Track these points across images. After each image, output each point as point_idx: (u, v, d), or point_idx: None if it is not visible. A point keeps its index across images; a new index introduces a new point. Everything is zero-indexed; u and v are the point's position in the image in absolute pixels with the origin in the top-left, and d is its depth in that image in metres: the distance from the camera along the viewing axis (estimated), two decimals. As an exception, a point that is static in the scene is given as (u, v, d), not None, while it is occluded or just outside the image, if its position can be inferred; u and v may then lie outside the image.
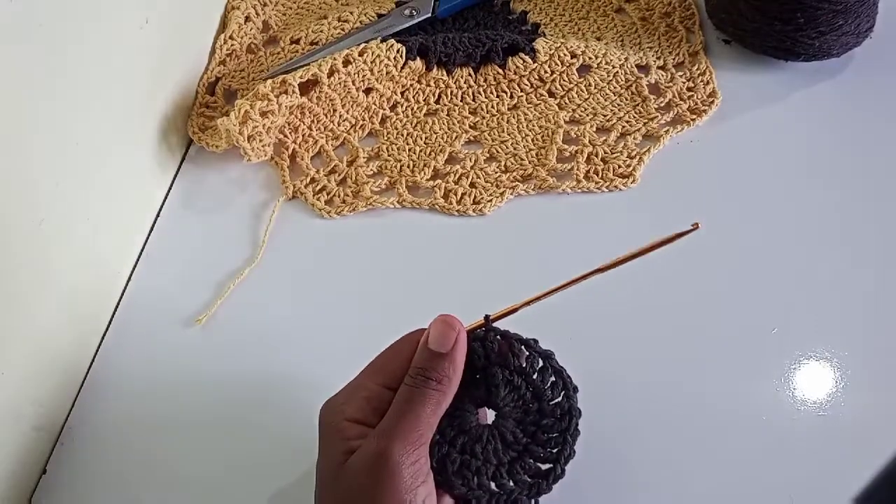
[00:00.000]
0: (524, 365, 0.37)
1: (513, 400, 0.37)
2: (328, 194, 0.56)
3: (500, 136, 0.58)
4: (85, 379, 0.49)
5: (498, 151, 0.57)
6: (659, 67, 0.61)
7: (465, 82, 0.61)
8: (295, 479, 0.45)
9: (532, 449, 0.37)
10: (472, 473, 0.36)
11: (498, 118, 0.59)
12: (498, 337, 0.37)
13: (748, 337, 0.47)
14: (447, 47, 0.61)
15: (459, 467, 0.36)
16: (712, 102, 0.58)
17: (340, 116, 0.59)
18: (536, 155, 0.57)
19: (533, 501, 0.36)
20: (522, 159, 0.57)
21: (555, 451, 0.37)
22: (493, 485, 0.36)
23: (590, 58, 0.60)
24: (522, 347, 0.37)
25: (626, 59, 0.61)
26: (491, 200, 0.55)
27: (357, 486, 0.33)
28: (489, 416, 0.39)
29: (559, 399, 0.37)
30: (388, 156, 0.58)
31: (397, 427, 0.34)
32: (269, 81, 0.56)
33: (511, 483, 0.36)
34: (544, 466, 0.37)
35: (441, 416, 0.36)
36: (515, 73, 0.60)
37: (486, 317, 0.37)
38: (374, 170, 0.57)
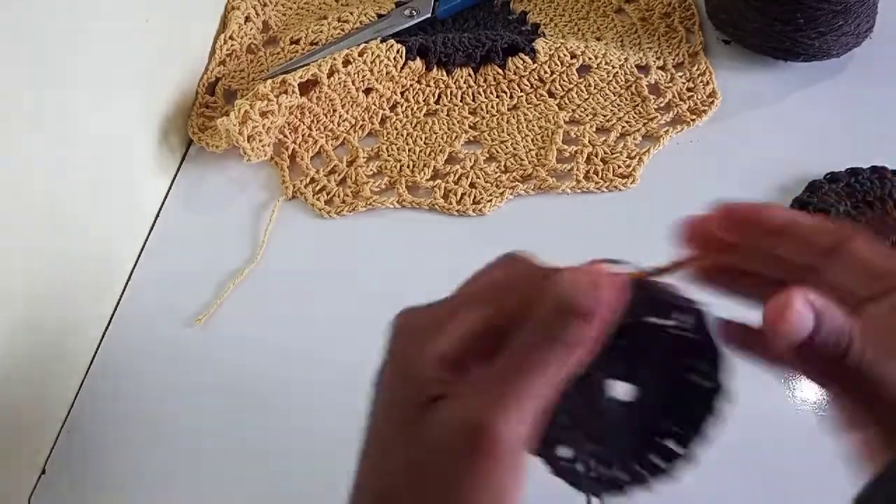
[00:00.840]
0: (679, 329, 0.28)
1: (658, 375, 0.29)
2: (328, 194, 0.56)
3: (500, 136, 0.58)
4: (84, 378, 0.49)
5: (498, 151, 0.57)
6: (659, 68, 0.61)
7: (464, 82, 0.61)
8: (294, 476, 0.45)
9: (669, 430, 0.29)
10: (598, 462, 0.29)
11: (498, 118, 0.59)
12: (655, 294, 0.28)
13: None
14: (447, 47, 0.61)
15: (583, 454, 0.28)
16: (712, 102, 0.58)
17: (340, 116, 0.59)
18: (536, 155, 0.57)
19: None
20: (522, 159, 0.57)
21: (693, 432, 0.29)
22: (617, 471, 0.29)
23: (590, 58, 0.60)
24: (682, 309, 0.28)
25: (626, 59, 0.61)
26: (491, 200, 0.55)
27: (441, 463, 0.25)
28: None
29: (710, 372, 0.29)
30: (388, 156, 0.58)
31: (506, 393, 0.25)
32: (269, 81, 0.56)
33: (640, 468, 0.29)
34: (678, 450, 0.29)
35: (562, 386, 0.26)
36: (515, 74, 0.60)
37: (645, 272, 0.28)
38: (373, 170, 0.57)
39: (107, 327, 0.51)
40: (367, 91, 0.60)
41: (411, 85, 0.61)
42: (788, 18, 0.56)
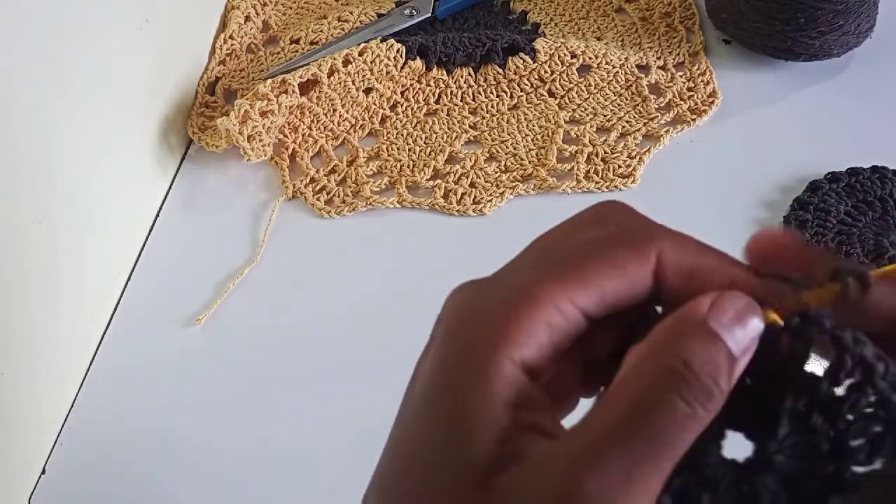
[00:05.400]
0: (841, 397, 0.20)
1: (794, 446, 0.20)
2: (328, 194, 0.56)
3: (500, 136, 0.58)
4: (84, 379, 0.49)
5: (498, 151, 0.57)
6: (659, 67, 0.61)
7: (465, 82, 0.61)
8: (294, 476, 0.45)
9: None
10: None
11: (498, 118, 0.59)
12: (825, 338, 0.20)
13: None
14: (447, 47, 0.61)
15: None
16: (712, 102, 0.58)
17: (340, 116, 0.59)
18: (536, 155, 0.57)
19: None
20: (522, 159, 0.57)
21: None
22: None
23: (590, 58, 0.60)
24: (854, 363, 0.19)
25: (626, 59, 0.61)
26: (491, 200, 0.55)
27: None
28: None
29: (874, 468, 0.20)
30: (388, 156, 0.58)
31: (628, 454, 0.17)
32: (269, 81, 0.56)
33: None
34: None
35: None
36: (515, 73, 0.60)
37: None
38: (374, 170, 0.57)
39: (107, 327, 0.51)
40: (367, 91, 0.60)
41: (411, 84, 0.61)
42: (789, 18, 0.56)
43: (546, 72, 0.60)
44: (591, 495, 0.16)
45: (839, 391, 0.19)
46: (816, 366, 0.20)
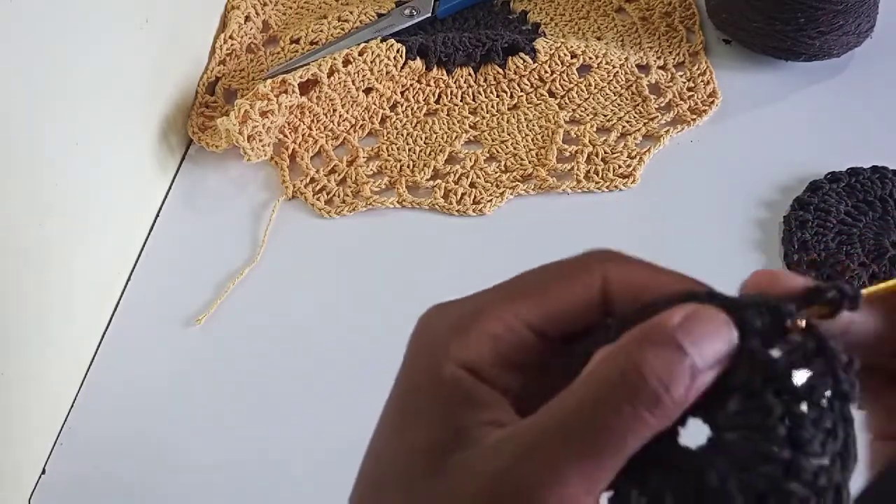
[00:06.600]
0: (805, 392, 0.19)
1: (746, 426, 0.20)
2: (328, 194, 0.56)
3: (500, 136, 0.58)
4: (84, 379, 0.49)
5: (498, 151, 0.57)
6: (659, 67, 0.61)
7: (465, 82, 0.61)
8: (294, 477, 0.45)
9: None
10: None
11: (498, 118, 0.59)
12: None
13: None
14: (447, 47, 0.61)
15: None
16: (712, 102, 0.58)
17: (340, 116, 0.59)
18: (536, 155, 0.57)
19: None
20: (522, 159, 0.57)
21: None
22: None
23: (590, 58, 0.60)
24: (816, 349, 0.20)
25: (627, 58, 0.61)
26: (491, 200, 0.55)
27: None
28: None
29: (823, 462, 0.19)
30: (388, 156, 0.58)
31: (571, 446, 0.18)
32: (269, 81, 0.56)
33: None
34: None
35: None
36: (515, 73, 0.60)
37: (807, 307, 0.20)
38: (373, 170, 0.57)
39: (107, 327, 0.51)
40: (367, 91, 0.60)
41: (411, 84, 0.61)
42: (789, 18, 0.56)
43: (546, 72, 0.60)
44: (529, 480, 0.18)
45: (798, 380, 0.19)
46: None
